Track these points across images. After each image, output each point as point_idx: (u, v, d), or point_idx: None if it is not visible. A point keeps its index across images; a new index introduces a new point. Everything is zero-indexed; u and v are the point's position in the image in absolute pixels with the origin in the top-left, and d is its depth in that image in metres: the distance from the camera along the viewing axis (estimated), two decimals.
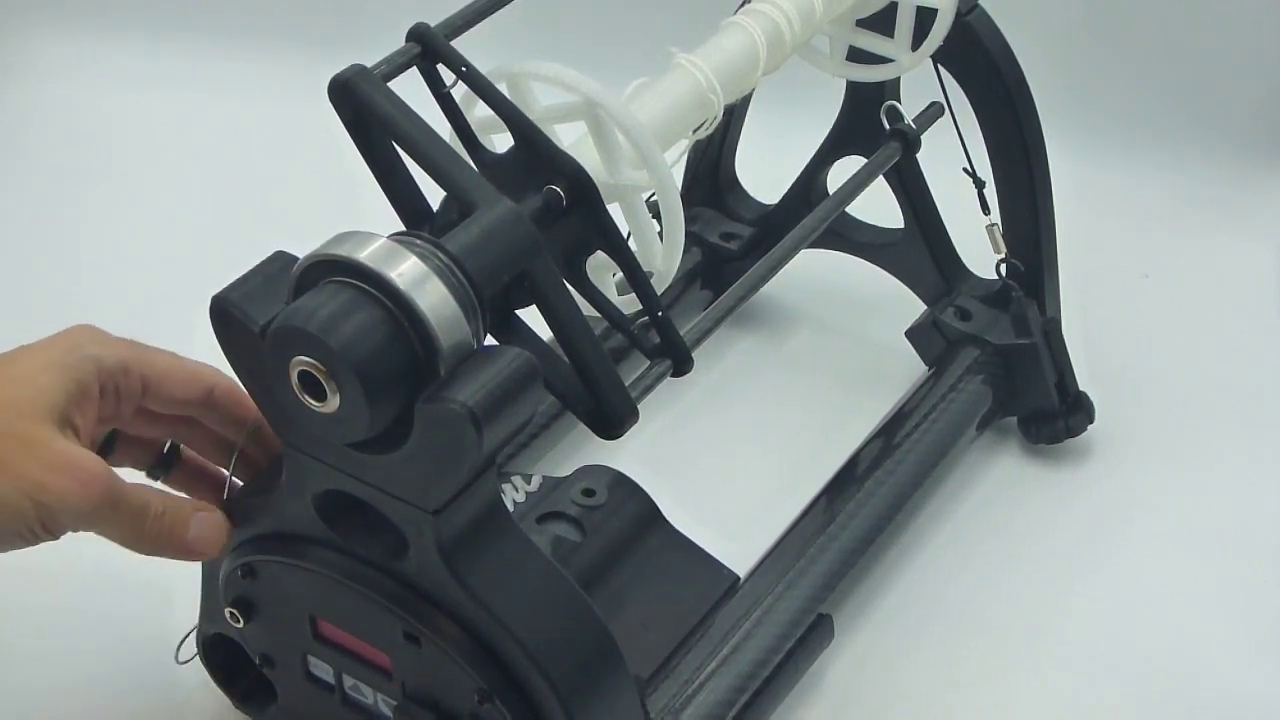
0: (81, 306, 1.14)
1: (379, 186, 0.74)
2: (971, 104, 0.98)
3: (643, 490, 0.88)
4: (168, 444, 0.78)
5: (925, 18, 0.91)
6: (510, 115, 0.73)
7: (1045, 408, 1.02)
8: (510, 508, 0.82)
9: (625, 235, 0.75)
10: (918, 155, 0.97)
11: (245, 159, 1.29)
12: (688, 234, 0.81)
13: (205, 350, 0.70)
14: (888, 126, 0.97)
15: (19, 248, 1.20)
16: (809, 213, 0.86)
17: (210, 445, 0.77)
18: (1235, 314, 1.16)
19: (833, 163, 1.06)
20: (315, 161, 1.11)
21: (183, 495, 0.75)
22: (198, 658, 0.83)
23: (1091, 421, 1.03)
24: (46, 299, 1.15)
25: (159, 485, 0.77)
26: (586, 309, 0.73)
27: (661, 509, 0.87)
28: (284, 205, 1.20)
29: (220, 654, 0.83)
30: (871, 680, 0.89)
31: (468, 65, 0.73)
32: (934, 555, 0.97)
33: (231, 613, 0.77)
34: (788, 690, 0.85)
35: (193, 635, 0.82)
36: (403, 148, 0.72)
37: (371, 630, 0.72)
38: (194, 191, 1.26)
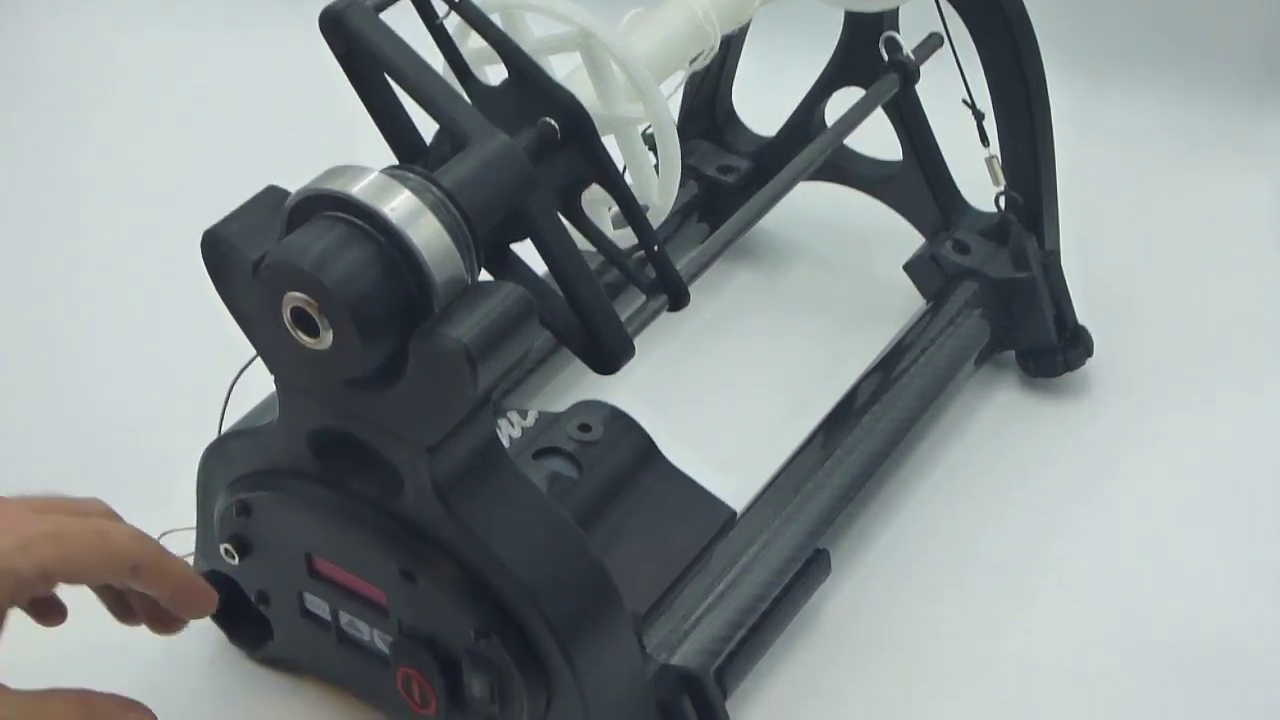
0: (74, 243, 1.14)
1: (372, 120, 0.73)
2: (971, 35, 0.97)
3: (639, 425, 0.87)
4: None
5: None
6: (504, 47, 0.72)
7: (1043, 342, 1.02)
8: (506, 444, 0.82)
9: (621, 169, 0.74)
10: (916, 87, 0.96)
11: (237, 93, 1.28)
12: (684, 167, 0.80)
13: (198, 285, 0.69)
14: (886, 58, 0.96)
15: (10, 185, 1.20)
16: (807, 145, 0.86)
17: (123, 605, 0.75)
18: (1235, 248, 1.16)
19: (831, 95, 1.05)
20: (308, 95, 1.10)
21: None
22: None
23: (1090, 355, 1.02)
24: (40, 236, 1.15)
25: None
26: (582, 243, 0.73)
27: (658, 444, 0.87)
28: (277, 140, 1.19)
29: (216, 591, 0.83)
30: (868, 614, 0.89)
31: None
32: (932, 489, 0.97)
33: (227, 550, 0.77)
34: (784, 625, 0.85)
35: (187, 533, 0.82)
36: (395, 81, 0.71)
37: (367, 567, 0.72)
38: (186, 127, 1.25)
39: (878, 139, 1.03)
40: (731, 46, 1.09)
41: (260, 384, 0.72)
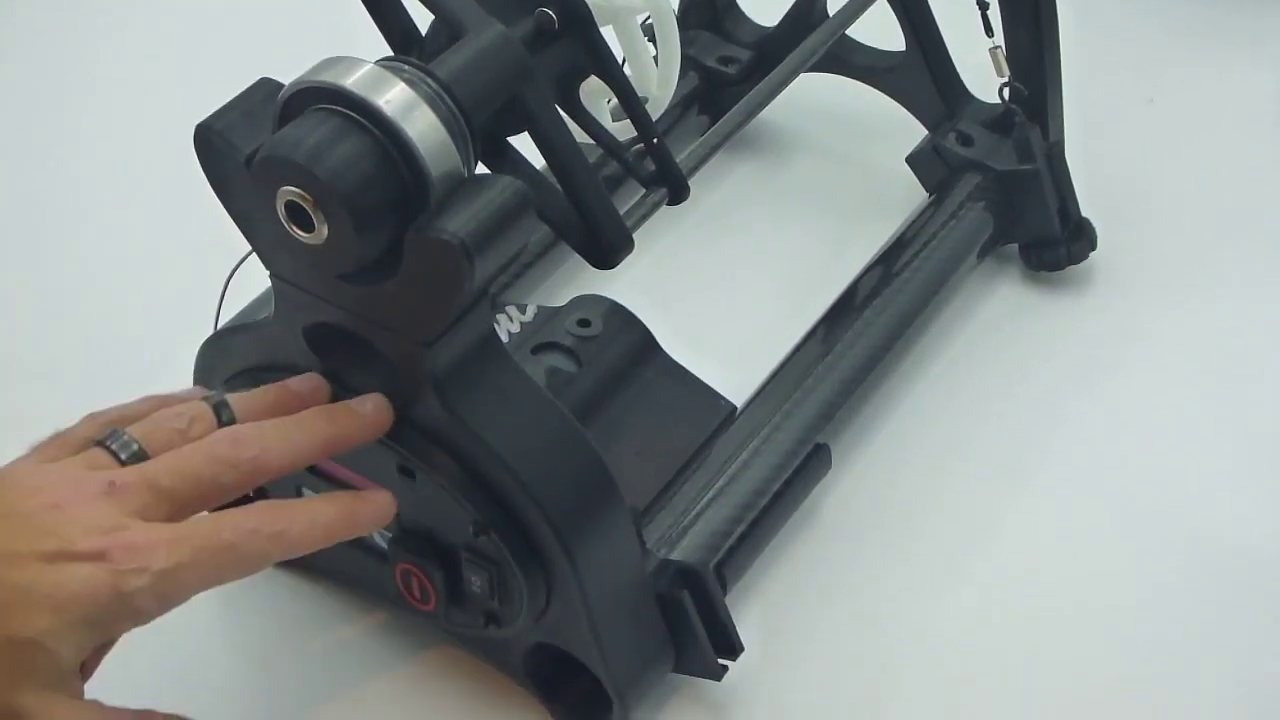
0: (70, 136, 1.13)
1: (366, 11, 0.72)
2: None
3: (639, 320, 0.87)
4: None
5: None
6: None
7: (1047, 234, 1.01)
8: (504, 339, 0.81)
9: (620, 60, 0.73)
10: None
11: None
12: (684, 58, 0.79)
13: (193, 179, 0.68)
14: None
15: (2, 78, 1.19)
16: (809, 35, 0.85)
17: None
18: (1241, 140, 1.15)
19: None
20: None
21: None
22: None
23: (1094, 249, 1.02)
24: (33, 129, 1.14)
25: None
26: (580, 136, 0.72)
27: (658, 339, 0.87)
28: (270, 31, 1.18)
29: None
30: (869, 508, 0.89)
31: None
32: (933, 383, 0.97)
33: None
34: (785, 520, 0.85)
35: None
36: None
37: (365, 463, 0.72)
38: (179, 16, 1.24)
39: (881, 29, 1.02)
40: None
41: (257, 277, 0.72)
